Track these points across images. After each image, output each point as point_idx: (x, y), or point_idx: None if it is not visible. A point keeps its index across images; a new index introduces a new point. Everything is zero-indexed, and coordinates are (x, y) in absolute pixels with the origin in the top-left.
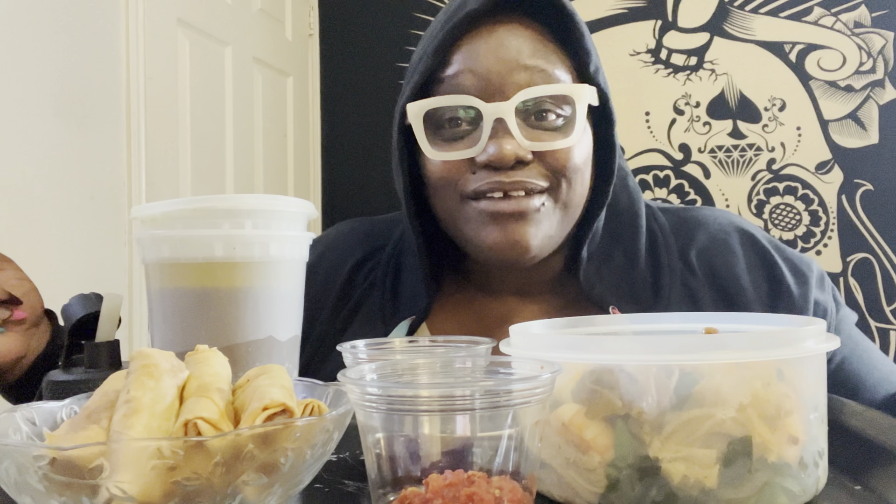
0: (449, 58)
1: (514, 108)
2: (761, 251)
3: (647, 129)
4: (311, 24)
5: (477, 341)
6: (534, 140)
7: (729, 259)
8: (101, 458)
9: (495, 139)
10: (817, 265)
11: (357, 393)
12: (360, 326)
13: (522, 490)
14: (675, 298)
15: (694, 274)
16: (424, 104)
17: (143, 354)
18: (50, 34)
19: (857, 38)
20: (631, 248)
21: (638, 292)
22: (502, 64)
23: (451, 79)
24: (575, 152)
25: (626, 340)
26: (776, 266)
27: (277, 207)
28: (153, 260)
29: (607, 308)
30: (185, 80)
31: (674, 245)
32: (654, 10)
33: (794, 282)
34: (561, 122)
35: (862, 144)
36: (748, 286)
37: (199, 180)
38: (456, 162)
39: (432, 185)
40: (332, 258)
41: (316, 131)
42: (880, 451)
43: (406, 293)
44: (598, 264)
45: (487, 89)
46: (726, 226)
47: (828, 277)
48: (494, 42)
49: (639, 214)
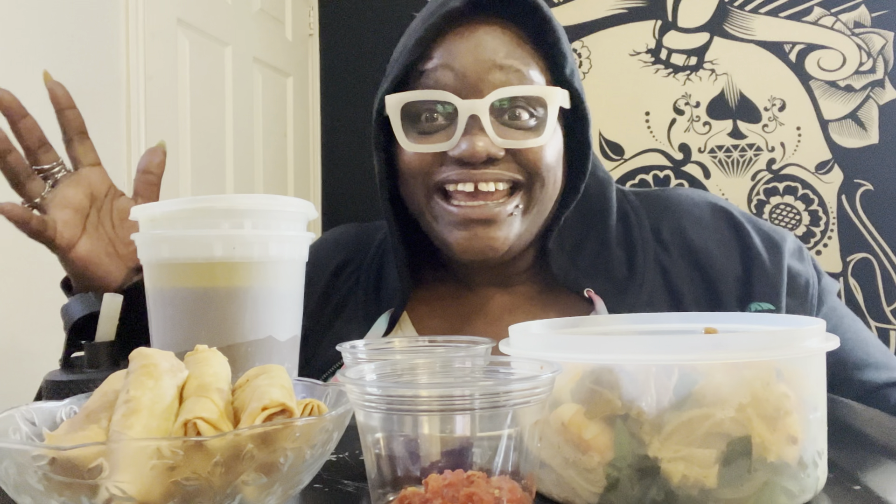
0: (429, 52)
1: (488, 106)
2: (734, 223)
3: (647, 129)
4: (311, 24)
5: (476, 341)
6: (506, 138)
7: (701, 233)
8: (100, 458)
9: (469, 135)
10: (794, 237)
11: (357, 393)
12: (344, 324)
13: (522, 490)
14: (650, 275)
15: (667, 250)
16: (402, 97)
17: (143, 354)
18: (50, 34)
19: (856, 38)
20: (602, 229)
21: (612, 271)
22: (479, 63)
23: (429, 73)
24: (546, 151)
25: (625, 340)
26: (748, 235)
27: (277, 207)
28: (153, 260)
29: (583, 292)
30: (185, 80)
31: (646, 223)
32: (654, 10)
33: (765, 251)
34: (533, 123)
35: (862, 144)
36: (721, 258)
37: (199, 180)
38: (429, 154)
39: (404, 176)
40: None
41: (316, 131)
42: (880, 451)
43: (387, 289)
44: (570, 252)
45: (464, 86)
46: (699, 201)
47: (807, 250)
48: (473, 41)
49: (608, 197)
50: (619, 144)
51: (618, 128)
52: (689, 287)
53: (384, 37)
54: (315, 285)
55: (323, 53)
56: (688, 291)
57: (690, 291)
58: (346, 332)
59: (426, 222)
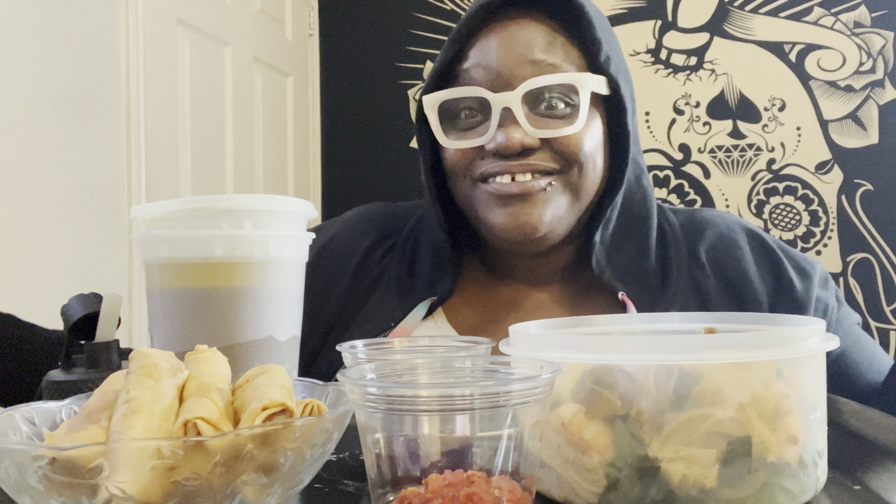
0: (465, 52)
1: (520, 98)
2: (767, 249)
3: (647, 129)
4: (311, 24)
5: (476, 341)
6: (540, 128)
7: (736, 255)
8: (100, 458)
9: (503, 128)
10: (822, 267)
11: (357, 393)
12: (378, 302)
13: (522, 490)
14: (682, 290)
15: (702, 269)
16: (438, 96)
17: (143, 354)
18: (50, 34)
19: (856, 38)
20: (642, 241)
21: (647, 282)
22: (511, 57)
23: (464, 73)
24: (583, 138)
25: (625, 340)
26: (781, 263)
27: (277, 207)
28: (153, 260)
29: (617, 294)
30: (185, 80)
31: (682, 242)
32: (654, 10)
33: (797, 278)
34: (568, 111)
35: (862, 144)
36: (755, 280)
37: (199, 180)
38: (468, 149)
39: (448, 171)
40: (347, 237)
41: (316, 131)
42: (880, 450)
43: (423, 276)
44: (609, 252)
45: (496, 81)
46: (734, 225)
47: (832, 280)
48: (504, 36)
49: (651, 211)
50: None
51: None
52: (722, 307)
53: (384, 37)
54: (347, 261)
55: (323, 53)
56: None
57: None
58: (380, 312)
59: (473, 211)
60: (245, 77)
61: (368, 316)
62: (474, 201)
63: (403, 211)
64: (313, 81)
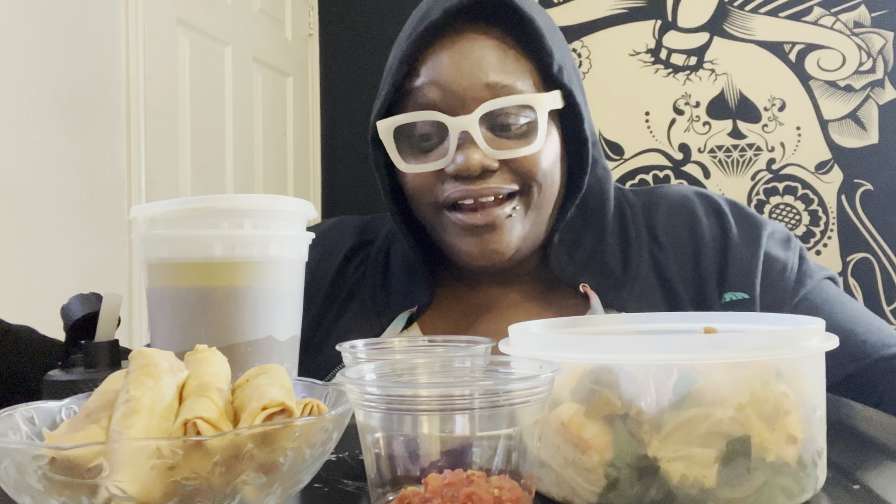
0: (416, 68)
1: (477, 120)
2: (714, 209)
3: (647, 129)
4: (311, 24)
5: (476, 341)
6: (499, 148)
7: (691, 223)
8: (100, 458)
9: (462, 150)
10: (782, 228)
11: (356, 392)
12: (354, 317)
13: (521, 489)
14: (644, 270)
15: (660, 245)
16: (393, 121)
17: (143, 354)
18: (50, 34)
19: (856, 38)
20: (599, 226)
21: (607, 266)
22: (464, 77)
23: (417, 91)
24: (541, 157)
25: (624, 340)
26: (726, 220)
27: (277, 207)
28: (153, 260)
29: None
30: (185, 80)
31: (642, 219)
32: (653, 10)
33: (740, 236)
34: (525, 128)
35: (862, 144)
36: (704, 248)
37: (199, 180)
38: (427, 174)
39: (409, 196)
40: (323, 249)
41: (316, 131)
42: (879, 450)
43: (397, 286)
44: (568, 248)
45: (452, 102)
46: (689, 193)
47: (797, 241)
48: (456, 54)
49: (607, 195)
50: (619, 144)
51: (617, 128)
52: (681, 281)
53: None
54: (324, 275)
55: (323, 53)
56: (679, 285)
57: (682, 285)
58: (357, 328)
59: (436, 234)
60: (245, 77)
61: (346, 332)
62: (439, 227)
63: (376, 221)
64: (313, 81)
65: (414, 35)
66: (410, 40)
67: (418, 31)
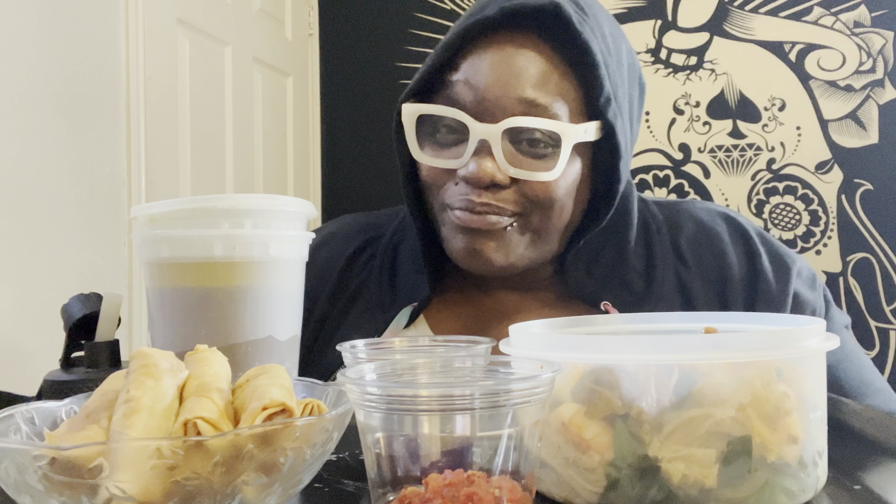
0: (457, 61)
1: (500, 133)
2: (746, 240)
3: (647, 129)
4: (311, 24)
5: (476, 341)
6: (516, 165)
7: (718, 247)
8: (100, 458)
9: (478, 157)
10: (808, 265)
11: (357, 392)
12: (358, 315)
13: (522, 490)
14: (668, 290)
15: (685, 264)
16: (418, 108)
17: (143, 354)
18: (50, 34)
19: (856, 37)
20: (621, 242)
21: (629, 284)
22: (500, 86)
23: (452, 85)
24: (554, 186)
25: (625, 340)
26: (757, 255)
27: (277, 207)
28: (153, 260)
29: (599, 304)
30: (185, 80)
31: (666, 236)
32: (653, 10)
33: (772, 273)
34: (548, 151)
35: (862, 144)
36: (735, 273)
37: (199, 180)
38: (441, 169)
39: (423, 183)
40: (331, 248)
41: (316, 131)
42: (880, 450)
43: (404, 282)
44: (587, 264)
45: (480, 107)
46: (715, 215)
47: (820, 280)
48: (500, 59)
49: (630, 208)
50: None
51: None
52: (705, 304)
53: (384, 37)
54: (330, 273)
55: (323, 53)
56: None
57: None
58: (362, 325)
59: (439, 227)
60: (245, 77)
61: (351, 330)
62: (440, 222)
63: (384, 217)
64: (313, 81)
65: (465, 24)
66: (458, 29)
67: (469, 22)
